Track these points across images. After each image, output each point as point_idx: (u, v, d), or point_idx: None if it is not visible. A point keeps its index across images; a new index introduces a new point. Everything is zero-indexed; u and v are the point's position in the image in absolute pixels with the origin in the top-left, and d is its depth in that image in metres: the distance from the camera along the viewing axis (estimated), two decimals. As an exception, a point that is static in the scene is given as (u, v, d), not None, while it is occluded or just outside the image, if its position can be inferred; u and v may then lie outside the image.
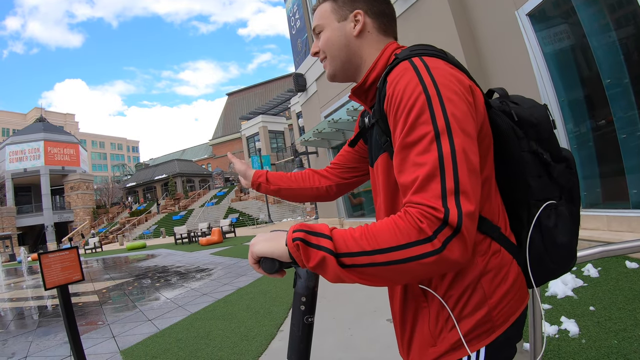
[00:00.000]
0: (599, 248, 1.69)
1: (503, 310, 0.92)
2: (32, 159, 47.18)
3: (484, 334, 0.90)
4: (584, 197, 5.43)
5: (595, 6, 5.05)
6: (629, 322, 2.87)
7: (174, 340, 4.35)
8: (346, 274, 0.78)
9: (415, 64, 0.88)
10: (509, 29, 5.99)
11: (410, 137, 0.82)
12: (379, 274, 0.78)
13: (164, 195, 51.78)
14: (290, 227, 0.85)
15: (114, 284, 9.69)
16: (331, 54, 1.14)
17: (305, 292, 0.94)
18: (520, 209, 1.03)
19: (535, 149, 1.00)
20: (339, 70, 1.15)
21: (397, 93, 0.86)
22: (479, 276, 0.91)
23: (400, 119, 0.84)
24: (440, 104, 0.81)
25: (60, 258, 3.00)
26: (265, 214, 29.33)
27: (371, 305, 4.51)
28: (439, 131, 0.79)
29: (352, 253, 0.78)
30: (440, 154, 0.78)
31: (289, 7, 15.22)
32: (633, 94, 4.65)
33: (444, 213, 0.74)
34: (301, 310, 0.95)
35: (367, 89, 1.08)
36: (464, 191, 0.76)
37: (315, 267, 0.80)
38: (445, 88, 0.83)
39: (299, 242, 0.81)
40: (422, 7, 7.34)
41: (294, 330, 0.98)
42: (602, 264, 4.24)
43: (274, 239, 0.90)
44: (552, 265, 1.01)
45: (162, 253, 17.58)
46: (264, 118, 37.53)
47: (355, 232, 0.80)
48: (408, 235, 0.75)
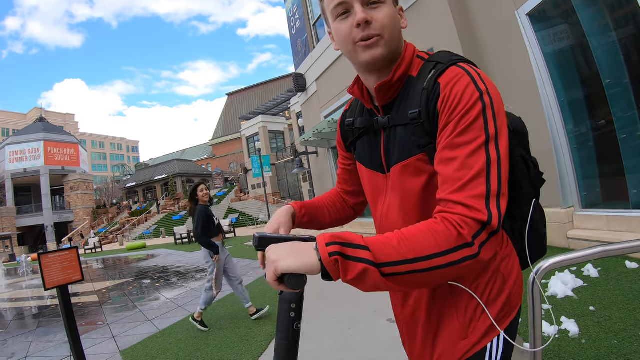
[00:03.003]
0: (599, 248, 1.68)
1: (517, 292, 1.03)
2: (32, 159, 47.14)
3: (505, 317, 0.99)
4: (584, 197, 5.44)
5: (595, 6, 5.05)
6: (629, 322, 2.87)
7: (173, 340, 4.35)
8: (386, 283, 0.77)
9: (469, 71, 0.91)
10: (508, 29, 5.99)
11: (464, 137, 0.86)
12: (417, 280, 0.79)
13: (164, 196, 51.76)
14: (317, 238, 0.81)
15: (114, 284, 9.70)
16: (391, 33, 0.98)
17: (294, 299, 0.88)
18: (513, 206, 1.10)
19: (523, 155, 1.12)
20: (391, 54, 1.00)
21: (455, 95, 0.88)
22: (498, 263, 1.01)
23: (456, 118, 0.87)
24: (493, 113, 0.86)
25: (60, 258, 3.00)
26: (265, 214, 29.31)
27: (371, 305, 4.51)
28: (490, 137, 0.85)
29: (393, 262, 0.77)
30: (488, 158, 0.83)
31: (288, 8, 15.20)
32: (633, 94, 4.65)
33: (487, 215, 0.79)
34: (290, 317, 0.88)
35: (392, 85, 1.03)
36: (504, 194, 0.83)
37: (354, 279, 0.77)
38: (495, 98, 0.88)
39: (338, 257, 0.76)
40: (422, 7, 7.34)
41: (282, 338, 0.89)
42: (602, 264, 4.24)
43: (300, 252, 0.80)
44: (537, 253, 1.16)
45: (162, 253, 17.59)
46: (263, 118, 37.45)
47: (393, 240, 0.79)
48: (448, 241, 0.77)
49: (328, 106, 12.11)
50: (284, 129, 39.77)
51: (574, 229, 5.34)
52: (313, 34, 12.70)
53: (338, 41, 1.04)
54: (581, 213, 5.34)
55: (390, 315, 4.09)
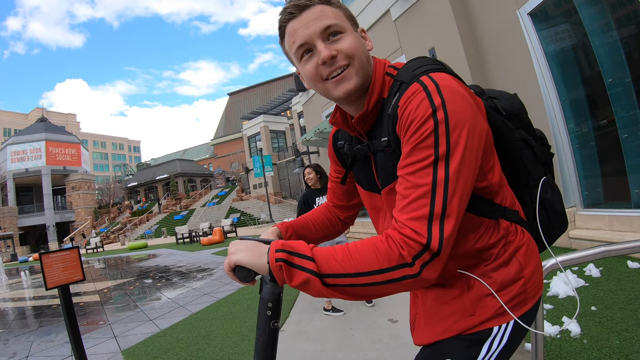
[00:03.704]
0: (601, 248, 1.68)
1: (535, 283, 1.02)
2: (34, 159, 47.25)
3: (519, 305, 0.98)
4: (586, 197, 5.43)
5: (597, 5, 5.04)
6: (630, 322, 2.86)
7: (175, 340, 4.35)
8: (329, 292, 0.83)
9: (426, 85, 0.87)
10: (510, 28, 5.98)
11: (414, 157, 0.85)
12: (359, 293, 0.83)
13: (166, 195, 51.81)
14: (272, 244, 0.87)
15: (115, 284, 9.70)
16: (360, 60, 0.97)
17: (271, 297, 0.93)
18: (523, 192, 1.14)
19: (524, 136, 1.12)
20: (362, 84, 0.98)
21: (408, 114, 0.87)
22: (514, 252, 1.00)
23: (408, 137, 0.86)
24: (446, 130, 0.82)
25: (61, 258, 3.00)
26: (266, 214, 29.30)
27: (372, 304, 4.50)
28: (439, 156, 0.82)
29: (335, 274, 0.82)
30: (434, 178, 0.82)
31: (289, 7, 15.21)
32: (635, 94, 4.65)
33: (427, 238, 0.79)
34: (267, 315, 0.94)
35: (368, 114, 1.02)
36: (449, 214, 0.81)
37: (298, 286, 0.83)
38: (453, 110, 0.83)
39: (282, 264, 0.83)
40: (424, 7, 7.34)
41: (260, 335, 0.97)
42: (603, 264, 4.23)
43: (256, 251, 0.90)
44: (556, 230, 1.17)
45: (164, 253, 17.59)
46: (265, 118, 37.46)
47: (338, 254, 0.83)
48: (388, 260, 0.80)
49: (329, 106, 12.12)
50: (286, 128, 39.78)
51: (576, 228, 5.33)
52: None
53: (308, 81, 1.04)
54: (583, 213, 5.34)
55: (391, 315, 4.08)
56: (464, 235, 0.98)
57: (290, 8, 0.96)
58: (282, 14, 0.99)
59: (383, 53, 8.78)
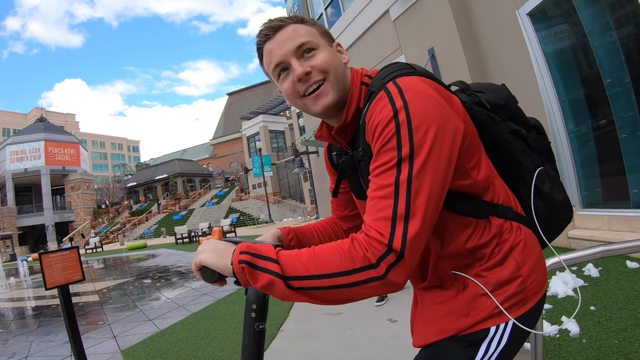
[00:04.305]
0: (600, 248, 1.68)
1: (535, 282, 1.00)
2: (33, 159, 47.24)
3: (517, 305, 0.96)
4: (585, 197, 5.43)
5: (596, 5, 5.05)
6: (629, 321, 2.87)
7: (174, 340, 4.35)
8: (295, 295, 0.82)
9: (389, 90, 0.88)
10: (509, 28, 5.99)
11: (378, 161, 0.86)
12: (326, 296, 0.82)
13: (165, 195, 51.81)
14: (237, 246, 0.88)
15: (115, 284, 9.70)
16: (335, 74, 1.00)
17: (256, 299, 0.92)
18: (518, 185, 1.13)
19: (513, 128, 1.10)
20: (339, 97, 1.02)
21: (372, 121, 0.89)
22: (509, 250, 0.99)
23: (376, 144, 0.87)
24: (409, 130, 0.82)
25: (61, 258, 3.00)
26: (265, 214, 29.33)
27: (372, 304, 4.51)
28: (402, 157, 0.82)
29: (299, 277, 0.81)
30: (397, 179, 0.81)
31: (289, 7, 15.21)
32: (634, 94, 4.65)
33: (388, 239, 0.78)
34: (252, 317, 0.93)
35: (347, 125, 1.05)
36: (413, 214, 0.80)
37: (263, 288, 0.83)
38: (416, 113, 0.83)
39: (245, 265, 0.83)
40: (423, 7, 7.34)
41: (245, 337, 0.96)
42: (602, 263, 4.23)
43: (220, 252, 0.90)
44: (559, 222, 1.14)
45: (163, 253, 17.57)
46: (264, 118, 37.51)
47: (303, 256, 0.83)
48: (353, 261, 0.79)
49: (329, 106, 12.10)
50: (285, 128, 39.83)
51: (575, 228, 5.34)
52: (313, 33, 12.63)
53: (287, 99, 1.07)
54: (582, 213, 5.34)
55: (390, 315, 4.09)
56: (453, 235, 0.99)
57: (265, 30, 1.01)
58: (259, 36, 1.03)
59: (382, 53, 8.78)
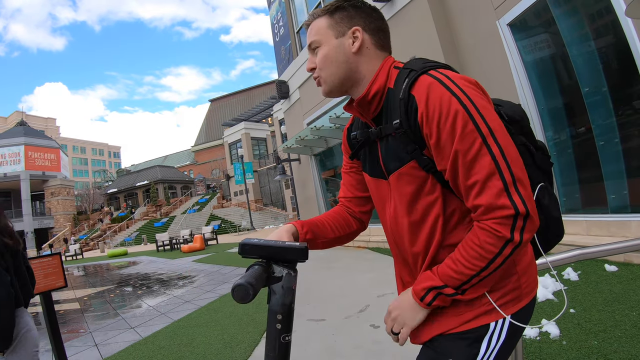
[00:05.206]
0: (577, 251, 1.74)
1: (530, 279, 1.07)
2: (12, 164, 46.13)
3: (513, 302, 1.03)
4: (564, 203, 5.55)
5: (575, 16, 5.19)
6: (608, 323, 2.93)
7: (157, 347, 4.28)
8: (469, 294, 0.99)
9: (439, 78, 0.95)
10: (490, 38, 6.11)
11: (463, 145, 0.91)
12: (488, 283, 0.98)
13: (146, 202, 51.05)
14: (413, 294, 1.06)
15: (96, 292, 9.52)
16: (329, 70, 1.12)
17: (281, 309, 0.85)
18: None
19: (524, 142, 1.17)
20: (336, 87, 1.14)
21: (433, 107, 0.93)
22: None
23: (444, 130, 0.92)
24: (478, 112, 0.91)
25: (43, 264, 2.94)
26: (247, 221, 29.11)
27: (355, 310, 4.52)
28: (485, 136, 0.90)
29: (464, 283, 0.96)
30: (492, 155, 0.89)
31: (272, 14, 15.23)
32: (611, 102, 4.79)
33: (513, 207, 0.87)
34: (277, 329, 0.85)
35: (370, 101, 1.10)
36: (519, 179, 0.89)
37: None
38: (472, 94, 0.93)
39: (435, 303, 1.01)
40: (406, 16, 7.44)
41: (269, 351, 0.87)
42: (581, 267, 4.32)
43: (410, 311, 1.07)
44: (553, 236, 1.20)
45: (144, 260, 17.34)
46: (246, 125, 37.34)
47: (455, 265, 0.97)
48: (494, 246, 0.90)
49: (311, 113, 12.11)
50: (267, 135, 39.76)
51: (555, 233, 5.42)
52: (297, 41, 12.73)
53: None
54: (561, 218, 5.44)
55: (374, 321, 4.10)
56: (456, 227, 1.04)
57: (304, 24, 1.24)
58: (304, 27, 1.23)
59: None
